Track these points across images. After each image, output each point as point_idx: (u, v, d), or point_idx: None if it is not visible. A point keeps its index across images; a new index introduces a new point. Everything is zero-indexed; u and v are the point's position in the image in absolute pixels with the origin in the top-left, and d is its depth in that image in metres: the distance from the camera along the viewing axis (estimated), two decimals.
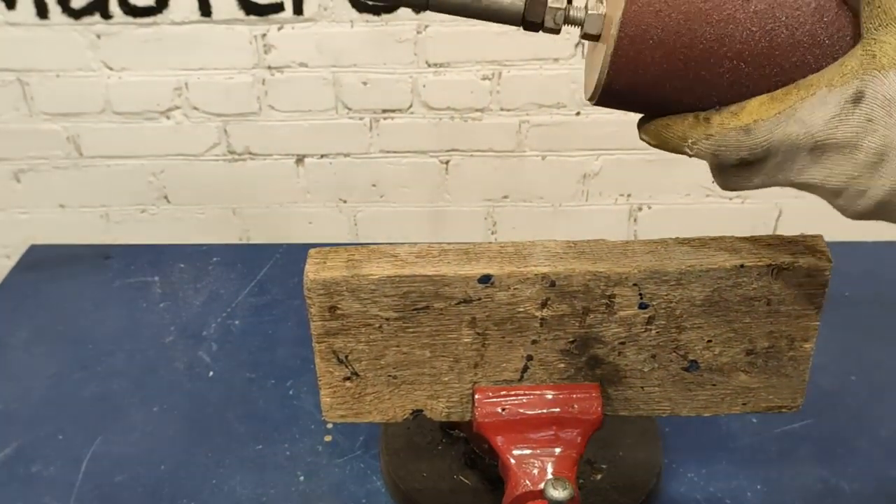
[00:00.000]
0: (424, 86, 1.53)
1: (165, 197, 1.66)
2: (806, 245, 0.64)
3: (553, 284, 0.62)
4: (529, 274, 0.62)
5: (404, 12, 1.46)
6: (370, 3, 0.70)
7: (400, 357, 0.66)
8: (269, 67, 1.51)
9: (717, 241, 0.64)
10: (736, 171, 0.50)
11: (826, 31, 0.47)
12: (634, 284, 0.62)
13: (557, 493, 0.62)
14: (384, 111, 1.56)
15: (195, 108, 1.55)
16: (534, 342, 0.65)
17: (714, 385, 0.67)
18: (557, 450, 0.66)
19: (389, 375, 0.67)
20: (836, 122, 0.44)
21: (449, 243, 0.66)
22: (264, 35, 1.48)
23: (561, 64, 1.51)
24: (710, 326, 0.64)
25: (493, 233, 1.71)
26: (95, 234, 1.69)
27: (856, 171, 0.45)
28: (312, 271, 0.63)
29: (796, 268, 0.62)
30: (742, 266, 0.61)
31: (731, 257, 0.62)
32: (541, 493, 0.63)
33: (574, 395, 0.67)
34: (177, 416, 0.96)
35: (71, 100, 1.54)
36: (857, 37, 0.46)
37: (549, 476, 0.65)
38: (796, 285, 0.62)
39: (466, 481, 0.82)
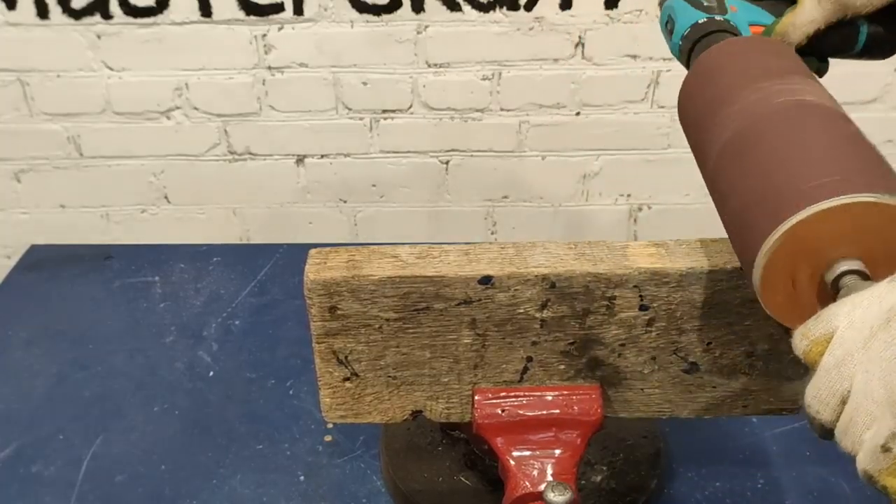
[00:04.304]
0: (424, 86, 1.53)
1: (166, 197, 1.66)
2: None
3: (553, 286, 0.62)
4: (529, 275, 0.62)
5: (404, 12, 1.46)
6: None
7: (400, 358, 0.66)
8: (270, 67, 1.51)
9: (718, 243, 0.64)
10: None
11: None
12: (635, 286, 0.62)
13: (557, 497, 0.62)
14: (384, 111, 1.56)
15: (195, 109, 1.55)
16: (534, 343, 0.65)
17: (714, 387, 0.67)
18: (557, 451, 0.66)
19: (389, 376, 0.67)
20: None
21: (449, 244, 0.66)
22: (264, 35, 1.48)
23: (561, 64, 1.51)
24: (711, 328, 0.64)
25: (493, 233, 1.71)
26: (96, 234, 1.69)
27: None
28: (313, 271, 0.63)
29: None
30: (742, 268, 0.61)
31: (731, 259, 0.62)
32: (540, 496, 0.63)
33: (574, 397, 0.67)
34: (177, 416, 0.96)
35: (71, 100, 1.54)
36: None
37: (549, 478, 0.65)
38: None
39: (466, 482, 0.82)
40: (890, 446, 0.37)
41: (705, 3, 0.67)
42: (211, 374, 1.02)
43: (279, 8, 1.45)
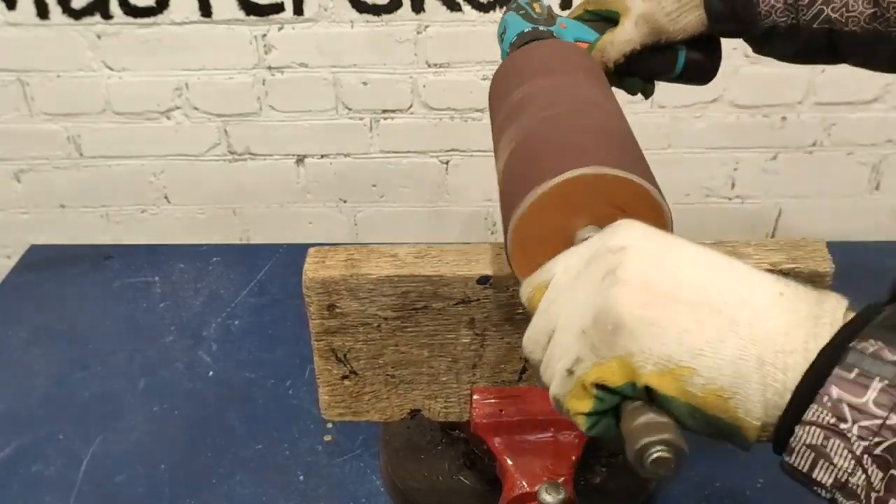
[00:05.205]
0: (424, 86, 1.53)
1: (166, 197, 1.66)
2: (807, 250, 0.63)
3: None
4: None
5: (404, 12, 1.46)
6: None
7: (398, 356, 0.66)
8: (270, 67, 1.51)
9: (718, 246, 0.64)
10: None
11: None
12: None
13: (550, 498, 0.62)
14: (384, 111, 1.56)
15: (195, 109, 1.55)
16: None
17: None
18: (555, 452, 0.66)
19: (388, 375, 0.67)
20: None
21: (448, 244, 0.66)
22: (264, 35, 1.48)
23: None
24: None
25: (492, 233, 1.71)
26: (96, 234, 1.69)
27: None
28: (311, 270, 0.63)
29: (796, 273, 0.61)
30: None
31: None
32: (536, 496, 0.63)
33: None
34: (177, 416, 0.96)
35: (71, 100, 1.54)
36: None
37: (546, 479, 0.65)
38: None
39: (466, 481, 0.82)
40: (573, 370, 0.39)
41: (535, 16, 0.73)
42: (210, 373, 1.02)
43: (279, 8, 1.45)
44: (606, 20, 0.74)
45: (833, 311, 0.36)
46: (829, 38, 0.66)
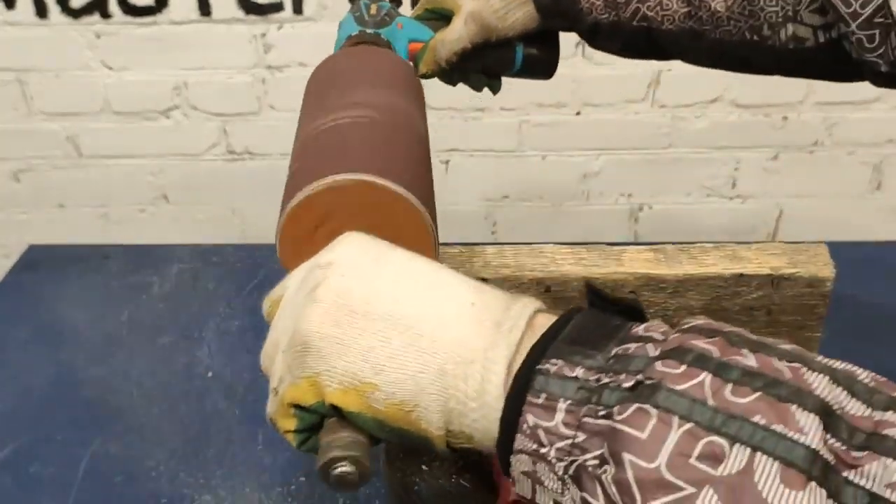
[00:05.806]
0: (424, 85, 1.52)
1: (164, 197, 1.66)
2: (809, 254, 0.63)
3: (548, 290, 0.62)
4: (524, 279, 0.62)
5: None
6: None
7: None
8: (269, 67, 1.51)
9: (718, 249, 0.63)
10: None
11: None
12: (631, 291, 0.62)
13: None
14: None
15: (194, 108, 1.55)
16: None
17: None
18: None
19: None
20: None
21: (449, 244, 0.65)
22: (264, 34, 1.47)
23: (561, 63, 1.50)
24: None
25: (493, 232, 1.71)
26: (94, 234, 1.69)
27: None
28: None
29: (797, 277, 0.61)
30: (742, 275, 0.61)
31: (730, 265, 0.61)
32: None
33: None
34: (175, 417, 0.96)
35: (70, 99, 1.53)
36: None
37: None
38: (797, 295, 0.62)
39: (466, 484, 0.81)
40: (277, 389, 0.40)
41: (367, 19, 0.74)
42: (209, 374, 1.02)
43: (279, 7, 1.45)
44: (444, 19, 0.73)
45: (516, 318, 0.37)
46: (649, 36, 0.67)
